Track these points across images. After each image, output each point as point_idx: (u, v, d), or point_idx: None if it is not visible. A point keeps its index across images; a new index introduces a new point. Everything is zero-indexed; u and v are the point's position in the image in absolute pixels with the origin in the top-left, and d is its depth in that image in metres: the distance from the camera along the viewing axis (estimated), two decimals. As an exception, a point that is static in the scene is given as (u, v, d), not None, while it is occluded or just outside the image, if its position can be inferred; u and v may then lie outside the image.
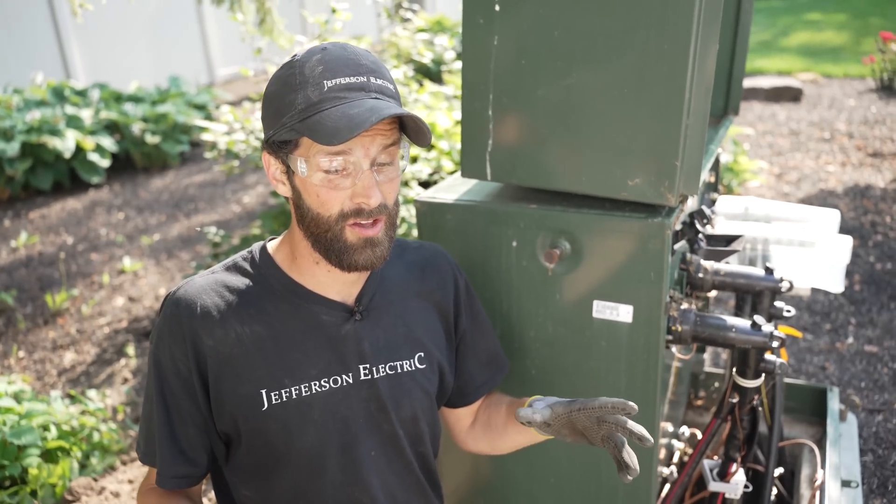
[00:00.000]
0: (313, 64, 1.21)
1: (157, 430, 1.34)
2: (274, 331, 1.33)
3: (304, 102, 1.20)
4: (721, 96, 2.44)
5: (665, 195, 1.56)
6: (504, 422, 1.55)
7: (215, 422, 1.35)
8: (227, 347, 1.31)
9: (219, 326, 1.31)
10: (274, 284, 1.36)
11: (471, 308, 1.57)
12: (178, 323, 1.31)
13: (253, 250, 1.42)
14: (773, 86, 8.95)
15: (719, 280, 1.99)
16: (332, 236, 1.26)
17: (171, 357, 1.32)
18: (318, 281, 1.36)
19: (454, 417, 1.66)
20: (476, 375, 1.59)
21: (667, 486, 2.07)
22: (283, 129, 1.23)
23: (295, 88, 1.21)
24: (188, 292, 1.33)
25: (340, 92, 1.20)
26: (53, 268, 5.25)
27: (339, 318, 1.36)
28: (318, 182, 1.23)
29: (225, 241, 4.33)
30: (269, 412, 1.31)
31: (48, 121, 6.62)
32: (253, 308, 1.34)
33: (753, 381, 1.88)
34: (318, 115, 1.18)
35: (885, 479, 2.77)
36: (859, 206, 5.41)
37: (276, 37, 3.65)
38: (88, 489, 2.81)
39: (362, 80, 1.22)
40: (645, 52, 1.48)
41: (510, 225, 1.71)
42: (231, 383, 1.31)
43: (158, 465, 1.34)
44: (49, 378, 3.91)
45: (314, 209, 1.26)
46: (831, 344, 3.74)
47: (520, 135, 1.67)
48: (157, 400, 1.34)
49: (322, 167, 1.22)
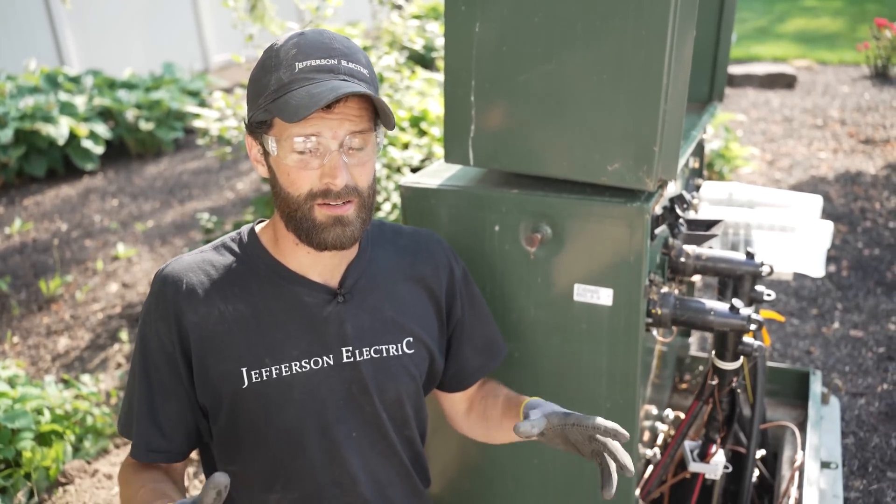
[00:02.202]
0: (288, 47, 1.26)
1: (136, 403, 1.37)
2: (256, 310, 1.36)
3: (277, 84, 1.24)
4: (706, 82, 2.46)
5: (644, 180, 1.59)
6: (500, 415, 1.56)
7: (198, 397, 1.37)
8: (210, 324, 1.34)
9: (203, 304, 1.34)
10: (258, 265, 1.39)
11: (468, 294, 1.59)
12: (165, 299, 1.35)
13: (241, 231, 1.45)
14: (767, 72, 8.96)
15: (701, 264, 2.02)
16: (302, 215, 1.29)
17: (157, 332, 1.35)
18: (301, 262, 1.38)
19: (449, 402, 1.69)
20: (471, 361, 1.61)
21: (650, 468, 2.10)
22: (258, 110, 1.27)
23: (270, 70, 1.26)
24: (175, 270, 1.37)
25: (309, 73, 1.23)
26: (48, 254, 5.27)
27: (321, 299, 1.38)
28: (289, 162, 1.26)
29: (218, 228, 4.36)
30: (250, 389, 1.34)
31: (42, 107, 6.62)
32: (237, 287, 1.37)
33: (732, 364, 1.91)
34: (287, 95, 1.23)
35: (866, 460, 2.81)
36: (849, 193, 5.44)
37: (268, 23, 3.66)
38: (82, 472, 2.84)
39: (332, 62, 1.25)
40: (623, 38, 1.50)
41: (493, 209, 1.73)
42: (213, 359, 1.34)
43: (134, 436, 1.37)
44: (43, 363, 3.94)
45: (285, 188, 1.29)
46: (817, 328, 3.78)
47: (502, 120, 1.69)
48: (139, 373, 1.37)
49: (292, 148, 1.25)
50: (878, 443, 2.90)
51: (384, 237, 1.52)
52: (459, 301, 1.57)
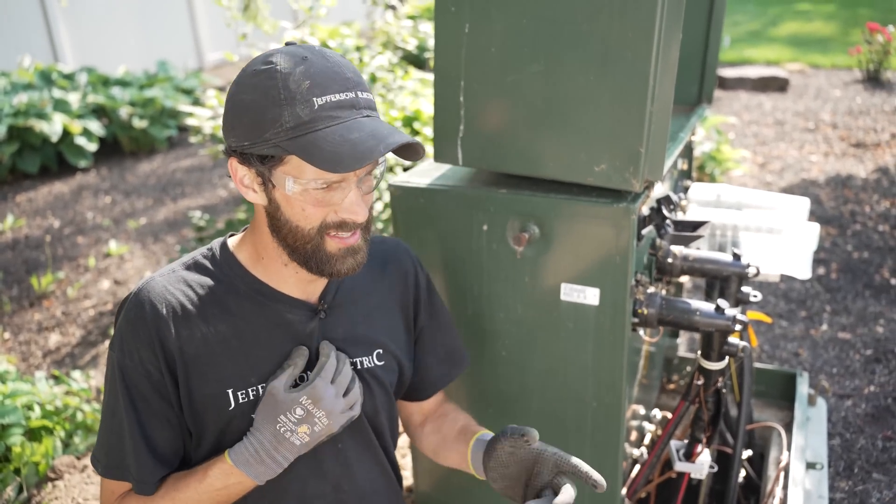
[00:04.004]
0: (298, 77, 1.17)
1: (129, 439, 1.31)
2: (238, 330, 1.33)
3: (294, 121, 1.16)
4: (695, 84, 2.48)
5: (630, 181, 1.60)
6: (454, 437, 1.55)
7: (186, 419, 1.35)
8: (192, 347, 1.30)
9: (184, 326, 1.30)
10: (237, 283, 1.35)
11: (430, 303, 1.59)
12: (144, 324, 1.29)
13: (213, 248, 1.40)
14: (760, 76, 8.99)
15: (688, 265, 2.04)
16: (313, 247, 1.27)
17: (140, 361, 1.29)
18: (284, 280, 1.36)
19: (406, 411, 1.69)
20: (432, 370, 1.61)
21: (637, 467, 2.12)
22: (265, 144, 1.19)
23: (279, 104, 1.16)
24: (151, 292, 1.31)
25: (332, 111, 1.18)
26: (40, 251, 5.27)
27: (303, 316, 1.38)
28: (307, 199, 1.22)
29: (210, 226, 4.36)
30: (237, 410, 1.33)
31: (35, 104, 6.61)
32: (217, 308, 1.33)
33: (717, 364, 1.92)
34: (312, 136, 1.16)
35: (852, 462, 2.83)
36: (840, 196, 5.47)
37: (261, 23, 3.67)
38: (71, 467, 2.85)
39: (351, 96, 1.20)
40: (609, 39, 1.52)
41: (481, 209, 1.75)
42: (196, 383, 1.31)
43: (137, 472, 1.32)
44: (34, 359, 3.94)
45: (293, 221, 1.25)
46: (806, 330, 3.80)
47: (490, 121, 1.71)
48: (126, 408, 1.30)
49: (313, 186, 1.21)
50: (864, 444, 2.92)
51: None
52: (424, 310, 1.57)
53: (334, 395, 1.29)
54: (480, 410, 1.96)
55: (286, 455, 1.29)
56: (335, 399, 1.29)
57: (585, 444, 1.87)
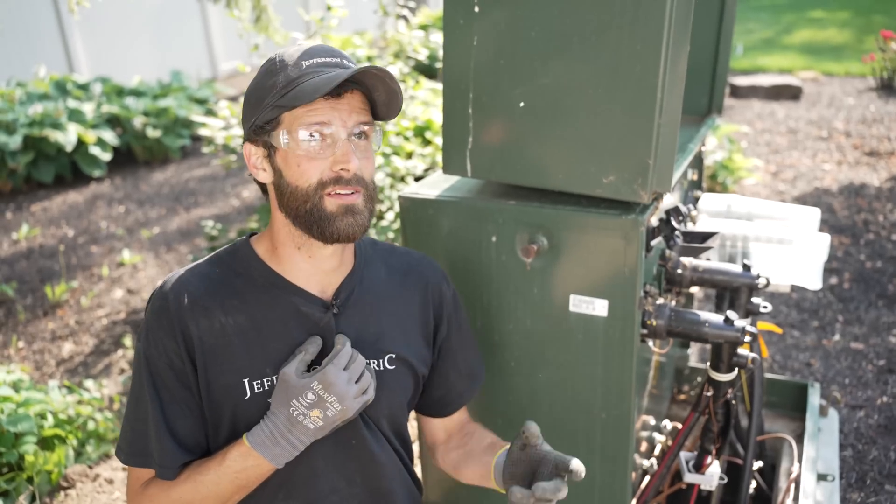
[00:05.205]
0: (292, 52, 1.32)
1: (153, 425, 1.35)
2: (255, 321, 1.38)
3: (285, 80, 1.29)
4: (705, 95, 2.48)
5: (638, 192, 1.60)
6: (482, 450, 1.55)
7: (205, 407, 1.38)
8: (211, 338, 1.36)
9: (204, 317, 1.36)
10: (255, 276, 1.41)
11: (456, 318, 1.61)
12: (168, 314, 1.35)
13: (236, 244, 1.47)
14: (773, 84, 8.97)
15: (698, 276, 2.04)
16: (312, 206, 1.32)
17: (164, 350, 1.35)
18: (299, 271, 1.41)
19: (430, 428, 1.70)
20: (456, 385, 1.63)
21: (647, 478, 2.11)
22: (265, 110, 1.30)
23: (275, 72, 1.30)
24: (174, 285, 1.38)
25: (318, 68, 1.30)
26: (54, 260, 5.31)
27: (316, 310, 1.41)
28: (300, 151, 1.30)
29: (222, 235, 4.38)
30: (252, 400, 1.36)
31: (50, 114, 6.67)
32: (236, 299, 1.38)
33: (727, 375, 1.92)
34: (298, 87, 1.27)
35: (864, 473, 2.81)
36: (853, 205, 5.44)
37: (272, 34, 3.69)
38: (83, 476, 2.86)
39: (337, 59, 1.32)
40: (618, 52, 1.52)
41: (490, 220, 1.75)
42: (215, 372, 1.36)
43: (159, 458, 1.35)
44: (48, 368, 3.96)
45: (293, 182, 1.32)
46: (818, 341, 3.78)
47: (499, 133, 1.71)
48: (150, 395, 1.36)
49: (303, 137, 1.29)
50: (877, 455, 2.90)
51: (377, 256, 1.55)
52: (447, 323, 1.59)
53: (346, 380, 1.31)
54: (489, 422, 1.96)
55: (301, 438, 1.32)
56: (347, 385, 1.31)
57: (595, 456, 1.86)
